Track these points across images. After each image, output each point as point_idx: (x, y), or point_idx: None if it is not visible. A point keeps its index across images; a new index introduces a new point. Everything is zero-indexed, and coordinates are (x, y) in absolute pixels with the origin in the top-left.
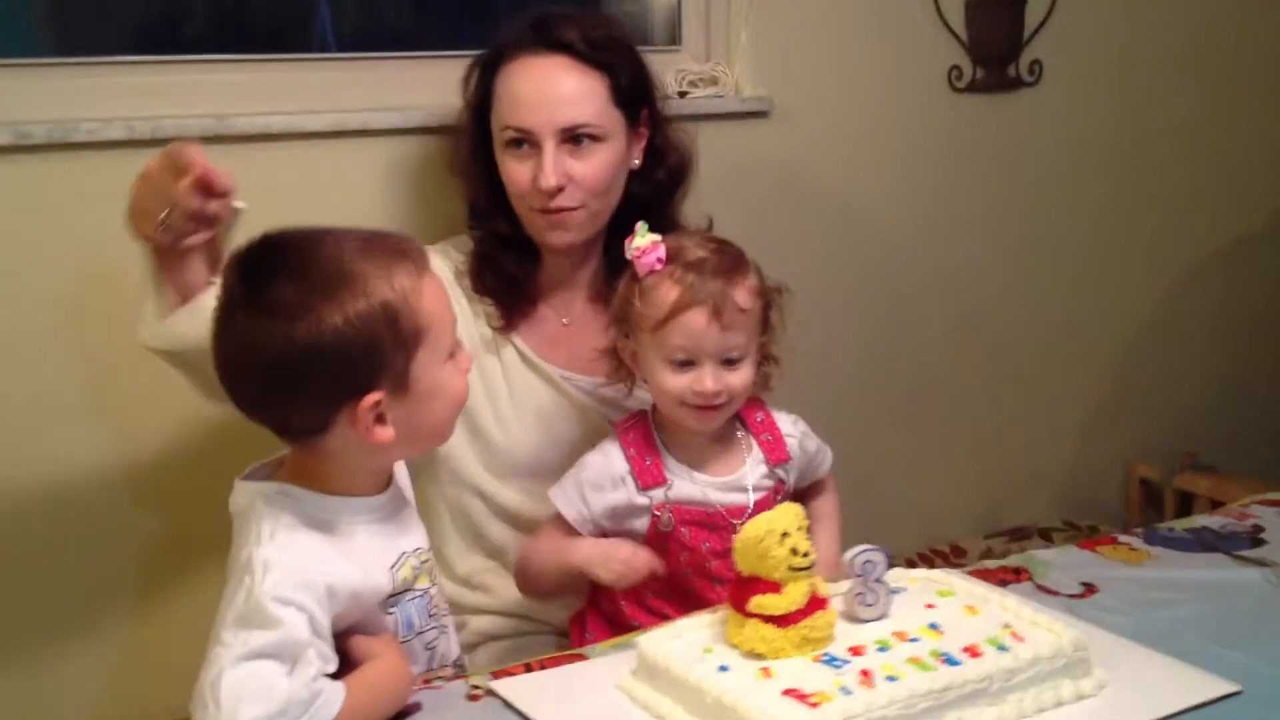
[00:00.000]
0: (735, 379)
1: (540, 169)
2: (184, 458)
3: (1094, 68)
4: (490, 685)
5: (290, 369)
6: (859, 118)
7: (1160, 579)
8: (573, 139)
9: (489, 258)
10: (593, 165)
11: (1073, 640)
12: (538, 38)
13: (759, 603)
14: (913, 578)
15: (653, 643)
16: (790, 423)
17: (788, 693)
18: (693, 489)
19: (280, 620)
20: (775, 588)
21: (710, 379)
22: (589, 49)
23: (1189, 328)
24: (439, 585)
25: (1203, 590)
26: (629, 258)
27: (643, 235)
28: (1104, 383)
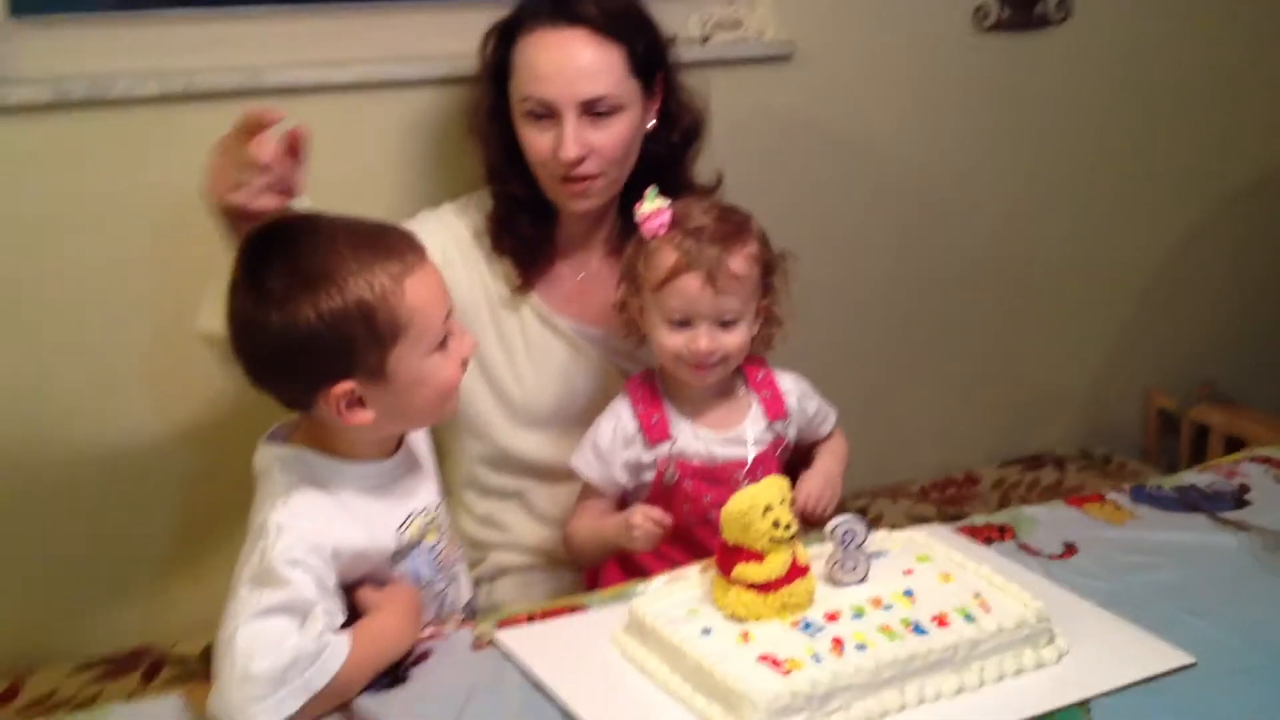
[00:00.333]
0: (730, 340)
1: (561, 140)
2: (223, 414)
3: (1122, 6)
4: (494, 635)
5: (271, 351)
6: (883, 60)
7: (1140, 541)
8: (592, 110)
9: (506, 220)
10: (612, 134)
11: (1037, 611)
12: (556, 8)
13: (741, 571)
14: (895, 540)
15: (644, 602)
16: (790, 381)
17: (763, 658)
18: (696, 443)
19: (290, 580)
20: (758, 557)
21: (705, 339)
22: (607, 21)
23: (1212, 260)
24: (447, 538)
25: (1180, 555)
26: (637, 222)
27: (651, 200)
28: (1125, 313)
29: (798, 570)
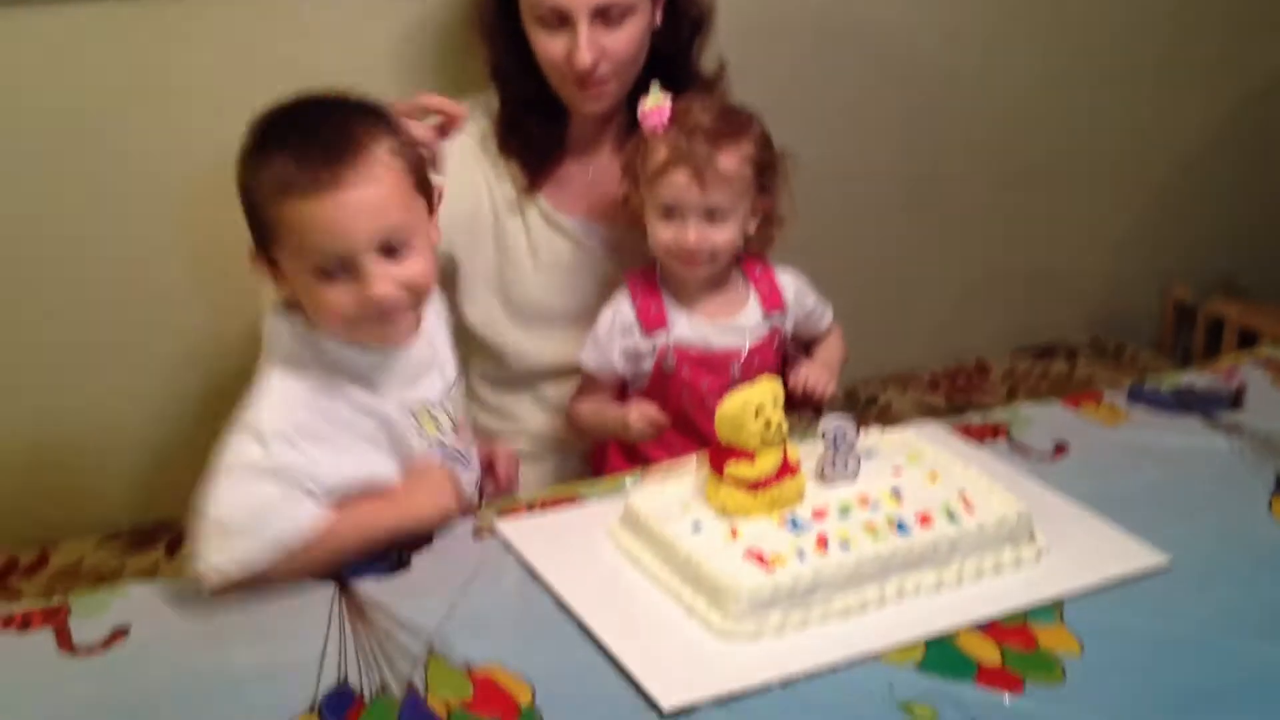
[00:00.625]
0: (718, 235)
1: (575, 45)
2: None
3: None
4: (493, 524)
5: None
6: None
7: (1131, 443)
8: (604, 14)
9: (514, 121)
10: (624, 37)
11: (1018, 511)
12: None
13: (733, 469)
14: (888, 440)
15: (639, 497)
16: (789, 276)
17: (749, 554)
18: (691, 332)
19: (271, 446)
20: (749, 456)
21: (693, 232)
22: None
23: (1235, 153)
24: (452, 433)
25: (1168, 458)
26: (639, 118)
27: (653, 97)
28: (1143, 203)
29: (788, 469)
